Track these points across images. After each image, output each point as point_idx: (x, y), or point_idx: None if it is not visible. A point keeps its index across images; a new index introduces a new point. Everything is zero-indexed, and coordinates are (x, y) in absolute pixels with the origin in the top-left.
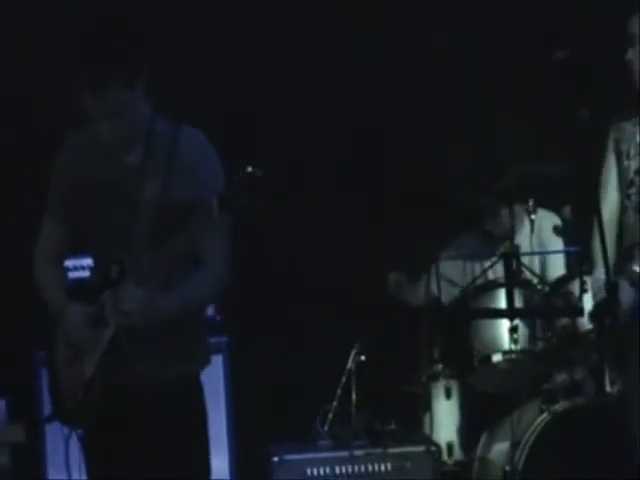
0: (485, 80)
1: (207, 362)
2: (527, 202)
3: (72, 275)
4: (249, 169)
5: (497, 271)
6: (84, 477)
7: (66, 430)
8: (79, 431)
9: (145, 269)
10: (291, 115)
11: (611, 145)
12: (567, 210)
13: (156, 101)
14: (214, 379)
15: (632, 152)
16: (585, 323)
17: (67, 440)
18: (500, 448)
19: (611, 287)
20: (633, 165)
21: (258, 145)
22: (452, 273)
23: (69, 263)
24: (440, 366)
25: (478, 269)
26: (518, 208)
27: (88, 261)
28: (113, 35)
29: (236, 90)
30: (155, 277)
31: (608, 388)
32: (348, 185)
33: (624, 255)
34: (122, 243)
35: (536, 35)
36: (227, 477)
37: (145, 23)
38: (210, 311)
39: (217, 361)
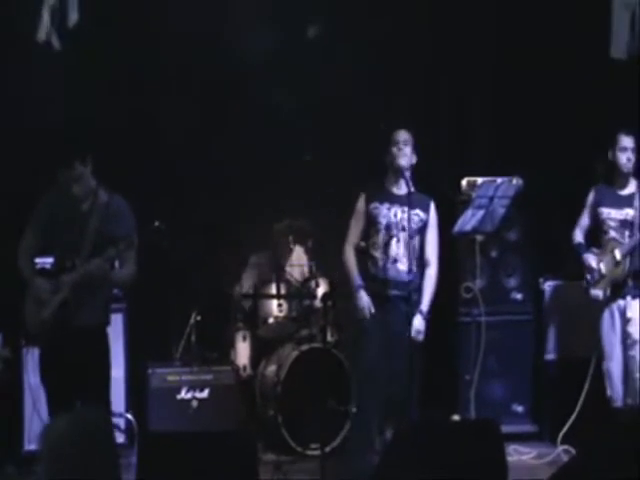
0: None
1: (108, 319)
2: (290, 238)
3: (39, 265)
4: (156, 223)
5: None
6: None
7: (28, 345)
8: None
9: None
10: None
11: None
12: (310, 242)
13: (98, 177)
14: (117, 327)
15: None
16: (317, 303)
17: (27, 351)
18: (272, 369)
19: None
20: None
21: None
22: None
23: (38, 260)
24: (241, 323)
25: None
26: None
27: (50, 260)
28: (76, 142)
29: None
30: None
31: (329, 338)
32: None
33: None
34: (74, 252)
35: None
36: (123, 381)
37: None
38: (116, 291)
39: (119, 317)
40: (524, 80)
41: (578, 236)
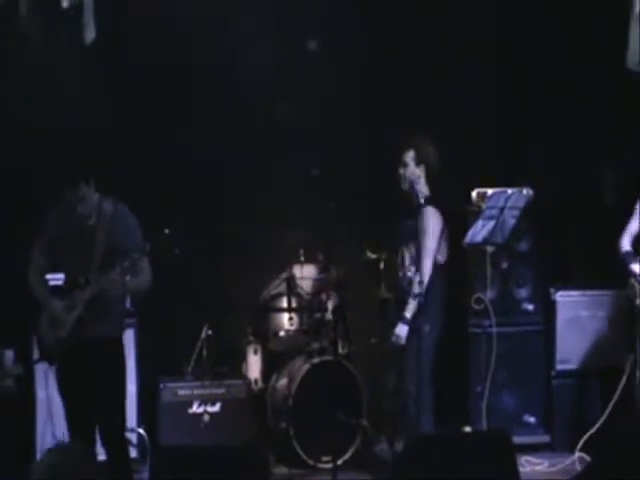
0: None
1: (123, 330)
2: (301, 251)
3: (51, 283)
4: (166, 230)
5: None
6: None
7: (46, 365)
8: (55, 366)
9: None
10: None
11: None
12: (320, 255)
13: (102, 190)
14: (129, 342)
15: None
16: (328, 316)
17: (46, 371)
18: (283, 382)
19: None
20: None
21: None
22: None
23: (49, 276)
24: (252, 337)
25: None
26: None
27: (60, 275)
28: (80, 164)
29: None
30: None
31: (340, 350)
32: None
33: None
34: (85, 267)
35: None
36: (135, 396)
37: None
38: (128, 304)
39: (130, 332)
40: (534, 90)
41: (626, 244)
